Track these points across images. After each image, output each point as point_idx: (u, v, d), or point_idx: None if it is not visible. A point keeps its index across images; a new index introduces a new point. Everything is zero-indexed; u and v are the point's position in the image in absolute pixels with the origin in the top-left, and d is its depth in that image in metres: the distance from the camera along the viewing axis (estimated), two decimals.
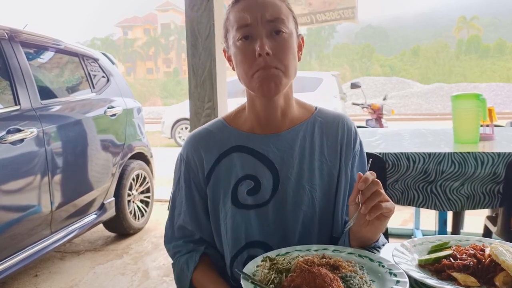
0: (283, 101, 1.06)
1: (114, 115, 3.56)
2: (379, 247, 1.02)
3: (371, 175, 0.90)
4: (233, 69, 1.05)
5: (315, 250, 0.95)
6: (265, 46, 0.95)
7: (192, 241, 1.11)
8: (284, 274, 0.82)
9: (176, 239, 1.12)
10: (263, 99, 1.03)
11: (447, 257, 0.88)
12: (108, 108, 3.51)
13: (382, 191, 0.89)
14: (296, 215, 1.04)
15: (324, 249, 0.95)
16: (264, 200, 1.04)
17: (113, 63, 3.97)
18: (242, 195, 1.04)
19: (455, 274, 0.83)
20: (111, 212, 3.50)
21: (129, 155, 3.75)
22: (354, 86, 7.30)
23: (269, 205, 1.04)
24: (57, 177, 2.80)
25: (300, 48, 1.07)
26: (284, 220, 1.04)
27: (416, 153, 1.87)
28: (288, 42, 0.99)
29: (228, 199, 1.05)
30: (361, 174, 0.91)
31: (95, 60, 3.67)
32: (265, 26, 0.97)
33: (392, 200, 1.91)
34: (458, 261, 0.86)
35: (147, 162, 4.11)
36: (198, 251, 1.08)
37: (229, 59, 1.07)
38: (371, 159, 1.02)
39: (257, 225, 1.04)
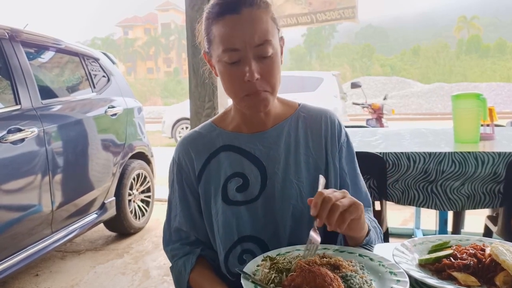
0: None
1: (115, 114, 3.56)
2: (372, 244, 1.03)
3: (319, 196, 0.86)
4: (216, 74, 1.06)
5: None
6: (254, 73, 0.95)
7: (188, 243, 1.14)
8: (284, 273, 0.82)
9: (173, 242, 1.15)
10: None
11: (447, 256, 0.88)
12: (108, 107, 3.51)
13: (340, 201, 0.86)
14: (285, 209, 1.06)
15: (325, 248, 0.95)
16: (253, 196, 1.07)
17: (113, 62, 3.97)
18: (232, 192, 1.07)
19: (455, 274, 0.83)
20: (111, 212, 3.50)
21: (130, 154, 3.75)
22: (354, 85, 7.28)
23: (259, 201, 1.07)
24: (58, 177, 2.81)
25: (281, 51, 1.06)
26: (274, 214, 1.06)
27: (416, 152, 1.87)
28: (275, 63, 0.99)
29: (219, 196, 1.08)
30: (310, 199, 0.88)
31: (96, 59, 3.67)
32: (253, 49, 0.96)
33: (393, 200, 1.94)
34: (459, 260, 0.86)
35: (148, 162, 4.11)
36: (195, 253, 1.11)
37: (210, 64, 1.08)
38: (323, 180, 0.98)
39: (248, 221, 1.06)
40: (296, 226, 1.06)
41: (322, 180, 0.98)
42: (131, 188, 3.78)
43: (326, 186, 1.07)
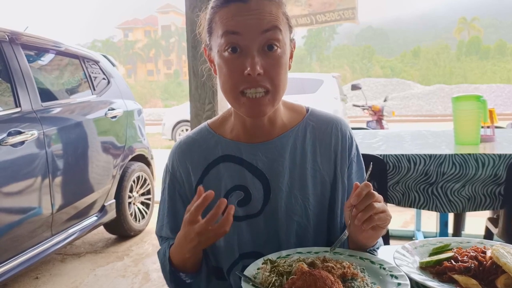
0: None
1: (115, 117, 3.56)
2: (377, 249, 1.02)
3: (366, 187, 0.86)
4: (215, 72, 0.97)
5: (316, 253, 0.94)
6: (256, 66, 0.86)
7: None
8: (285, 276, 0.82)
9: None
10: None
11: (448, 259, 0.88)
12: (108, 110, 3.51)
13: (377, 204, 0.86)
14: (289, 225, 1.01)
15: (325, 251, 0.95)
16: (255, 211, 1.01)
17: (113, 65, 3.97)
18: None
19: (456, 277, 0.83)
20: (111, 214, 3.50)
21: (130, 157, 3.75)
22: (354, 87, 7.30)
23: (261, 216, 1.01)
24: (58, 179, 2.80)
25: (291, 55, 0.98)
26: (277, 230, 1.01)
27: (417, 154, 1.87)
28: (281, 60, 0.90)
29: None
30: (358, 183, 0.88)
31: (96, 62, 3.68)
32: (258, 37, 0.88)
33: (393, 202, 1.93)
34: (459, 263, 0.86)
35: (148, 164, 4.11)
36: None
37: (210, 60, 0.99)
38: (371, 163, 1.00)
39: (250, 237, 1.01)
40: (300, 244, 1.01)
41: (370, 168, 0.95)
42: (131, 191, 3.78)
43: (333, 201, 1.04)
